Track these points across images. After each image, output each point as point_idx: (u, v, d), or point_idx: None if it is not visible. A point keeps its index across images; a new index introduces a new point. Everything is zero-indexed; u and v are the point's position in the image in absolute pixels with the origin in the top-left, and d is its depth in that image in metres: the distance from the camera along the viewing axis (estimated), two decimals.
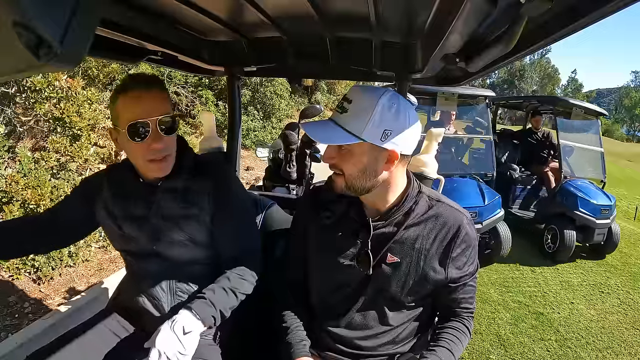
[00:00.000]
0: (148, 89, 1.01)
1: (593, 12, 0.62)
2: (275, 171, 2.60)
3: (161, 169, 1.07)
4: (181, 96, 6.06)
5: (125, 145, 1.05)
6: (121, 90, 1.01)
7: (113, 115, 1.04)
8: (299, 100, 11.19)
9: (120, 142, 1.06)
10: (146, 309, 1.16)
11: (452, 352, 1.01)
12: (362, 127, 0.87)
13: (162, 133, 1.02)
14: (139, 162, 1.07)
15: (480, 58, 0.84)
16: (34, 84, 2.82)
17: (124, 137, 1.01)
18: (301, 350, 1.01)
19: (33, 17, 0.26)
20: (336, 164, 0.96)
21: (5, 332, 2.24)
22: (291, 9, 1.11)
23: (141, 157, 1.04)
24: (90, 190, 1.19)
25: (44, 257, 2.73)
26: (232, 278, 1.09)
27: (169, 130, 1.04)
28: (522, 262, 4.46)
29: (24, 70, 0.32)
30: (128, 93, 1.00)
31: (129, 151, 1.07)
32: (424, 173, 1.58)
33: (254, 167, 6.68)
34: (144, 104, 1.00)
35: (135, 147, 1.02)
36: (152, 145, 1.02)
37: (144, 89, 1.01)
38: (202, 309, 0.99)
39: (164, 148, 1.04)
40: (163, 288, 1.15)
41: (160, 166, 1.06)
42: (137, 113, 0.99)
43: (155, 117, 1.00)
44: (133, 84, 1.00)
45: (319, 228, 1.08)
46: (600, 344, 3.04)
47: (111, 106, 1.04)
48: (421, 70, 1.28)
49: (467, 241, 1.01)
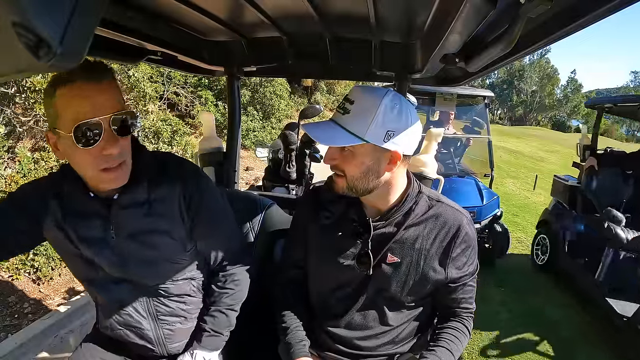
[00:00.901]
0: (97, 80, 0.80)
1: (592, 12, 0.62)
2: (275, 171, 2.60)
3: (117, 179, 0.88)
4: (180, 96, 6.06)
5: (70, 153, 0.83)
6: (59, 81, 0.78)
7: (50, 114, 0.82)
8: (299, 101, 11.19)
9: (61, 148, 0.84)
10: (130, 340, 1.06)
11: (452, 352, 1.01)
12: (365, 128, 0.87)
13: (117, 134, 0.84)
14: (89, 173, 0.86)
15: (479, 58, 0.84)
16: (33, 84, 2.82)
17: (68, 142, 0.80)
18: (301, 350, 1.01)
19: (33, 17, 0.26)
20: (338, 165, 0.95)
21: (5, 332, 2.24)
22: (291, 9, 1.11)
23: (91, 167, 0.84)
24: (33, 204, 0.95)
25: (44, 257, 2.73)
26: (229, 294, 1.09)
27: (123, 130, 0.85)
28: (521, 262, 4.47)
29: (23, 70, 0.32)
30: (71, 86, 0.78)
31: (74, 159, 0.86)
32: (424, 173, 1.58)
33: (254, 167, 6.68)
34: (93, 100, 0.79)
35: (84, 154, 0.81)
36: (106, 150, 0.82)
37: (92, 81, 0.79)
38: (211, 342, 1.05)
39: (119, 153, 0.85)
40: (142, 314, 1.03)
41: (116, 175, 0.87)
42: (84, 111, 0.78)
43: (107, 114, 0.81)
44: (76, 75, 0.77)
45: (319, 228, 1.08)
46: (602, 344, 3.04)
47: (47, 102, 0.82)
48: (421, 70, 1.28)
49: (467, 241, 1.01)
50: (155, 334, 1.06)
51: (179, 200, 0.98)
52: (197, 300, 1.11)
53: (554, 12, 0.72)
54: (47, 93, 0.81)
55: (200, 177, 1.04)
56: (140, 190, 0.95)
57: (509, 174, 9.98)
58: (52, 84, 0.79)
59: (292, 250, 1.18)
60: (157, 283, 1.02)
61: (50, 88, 0.80)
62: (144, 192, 0.95)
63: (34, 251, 2.69)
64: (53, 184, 0.97)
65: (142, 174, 0.94)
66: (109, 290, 1.00)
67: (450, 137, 4.64)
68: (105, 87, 0.82)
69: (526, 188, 8.69)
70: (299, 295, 1.15)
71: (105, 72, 0.82)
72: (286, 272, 1.19)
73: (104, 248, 0.95)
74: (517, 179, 9.62)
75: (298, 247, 1.14)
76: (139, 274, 0.99)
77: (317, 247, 1.10)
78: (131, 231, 0.95)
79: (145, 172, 0.95)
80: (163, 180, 0.97)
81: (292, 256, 1.17)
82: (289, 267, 1.18)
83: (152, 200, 0.96)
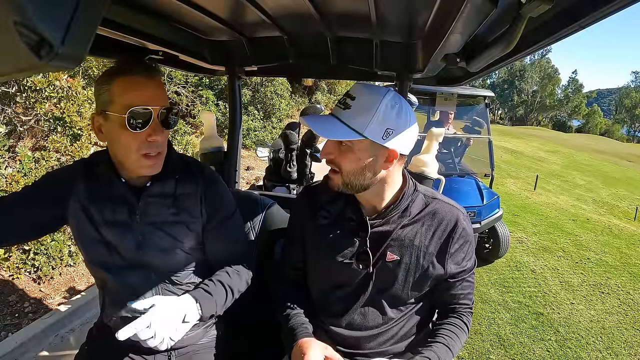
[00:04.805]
0: (151, 76, 0.93)
1: (593, 13, 0.62)
2: (276, 171, 2.60)
3: (155, 166, 0.97)
4: (181, 96, 6.06)
5: (116, 135, 0.92)
6: (119, 72, 0.90)
7: (103, 99, 0.91)
8: (299, 100, 11.19)
9: (107, 131, 0.94)
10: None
11: (450, 348, 1.00)
12: (365, 124, 0.88)
13: (162, 125, 0.95)
14: (132, 156, 0.93)
15: (480, 58, 0.84)
16: (34, 84, 2.82)
17: (118, 124, 0.89)
18: (303, 333, 1.00)
19: (34, 16, 0.26)
20: (334, 159, 0.96)
21: (5, 332, 2.24)
22: (292, 8, 1.11)
23: (135, 150, 0.92)
24: (58, 188, 1.01)
25: (45, 256, 2.73)
26: (231, 274, 1.07)
27: (167, 124, 0.96)
28: (521, 262, 4.46)
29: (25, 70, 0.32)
30: (129, 77, 0.90)
31: (120, 142, 0.93)
32: (425, 173, 1.57)
33: (254, 166, 6.68)
34: (147, 91, 0.91)
35: (131, 137, 0.91)
36: (151, 137, 0.92)
37: (148, 75, 0.92)
38: (207, 305, 0.97)
39: (161, 142, 0.96)
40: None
41: (154, 162, 0.96)
42: (138, 99, 0.89)
43: (158, 105, 0.92)
44: (134, 68, 0.91)
45: (316, 227, 1.08)
46: (600, 344, 3.05)
47: (102, 89, 0.91)
48: (422, 70, 1.28)
49: (464, 237, 1.02)
50: None
51: (200, 198, 1.07)
52: None
53: (555, 12, 0.72)
54: (103, 81, 0.91)
55: (218, 180, 1.14)
56: (169, 184, 1.04)
57: (510, 174, 9.98)
58: (111, 74, 0.91)
59: (291, 251, 1.18)
60: (169, 271, 1.06)
61: (108, 76, 0.91)
62: (172, 186, 1.04)
63: (34, 250, 2.70)
64: (85, 165, 1.05)
65: (172, 170, 1.04)
66: (122, 276, 1.03)
67: (451, 137, 4.64)
68: (157, 83, 0.94)
69: (527, 188, 8.69)
70: (299, 293, 1.15)
71: (158, 70, 0.96)
72: (286, 273, 1.19)
73: (127, 232, 1.01)
74: (518, 179, 9.63)
75: (296, 247, 1.15)
76: (154, 260, 1.03)
77: (315, 246, 1.10)
78: (155, 219, 1.02)
79: (175, 169, 1.05)
80: (188, 178, 1.07)
81: (291, 257, 1.17)
82: (288, 269, 1.19)
83: (178, 194, 1.04)
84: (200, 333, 1.14)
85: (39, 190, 1.02)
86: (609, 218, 7.29)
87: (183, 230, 1.04)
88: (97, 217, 1.00)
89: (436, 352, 0.98)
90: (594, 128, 48.64)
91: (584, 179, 11.42)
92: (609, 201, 9.02)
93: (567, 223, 6.38)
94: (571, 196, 8.87)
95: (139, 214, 1.01)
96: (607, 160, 17.45)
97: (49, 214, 1.01)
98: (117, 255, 1.02)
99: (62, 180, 1.02)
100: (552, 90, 49.89)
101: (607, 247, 5.37)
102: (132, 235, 1.01)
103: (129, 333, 0.83)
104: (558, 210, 7.16)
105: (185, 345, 1.11)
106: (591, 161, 15.98)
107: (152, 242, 1.02)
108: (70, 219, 1.02)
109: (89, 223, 1.00)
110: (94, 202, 1.00)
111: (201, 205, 1.06)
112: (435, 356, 0.97)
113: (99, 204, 1.00)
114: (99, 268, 1.04)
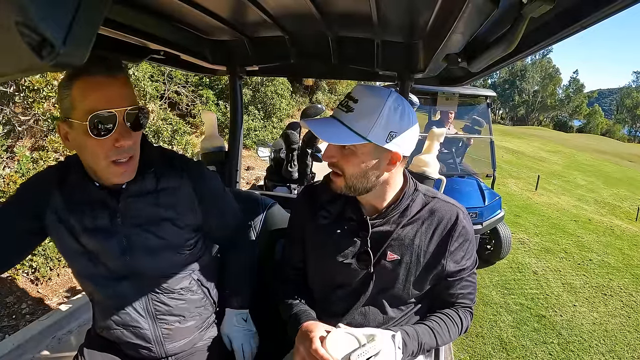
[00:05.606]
0: (113, 75, 0.84)
1: (595, 13, 0.62)
2: (277, 171, 2.60)
3: (126, 173, 0.90)
4: (181, 95, 6.06)
5: (82, 143, 0.85)
6: (78, 74, 0.82)
7: (65, 105, 0.84)
8: (300, 100, 11.19)
9: (72, 139, 0.87)
10: (128, 340, 1.04)
11: (434, 333, 0.99)
12: (369, 127, 0.87)
13: (130, 128, 0.87)
14: (100, 164, 0.87)
15: (482, 58, 0.84)
16: (32, 84, 2.81)
17: (81, 131, 0.82)
18: (307, 317, 1.00)
19: (36, 17, 0.26)
20: (337, 163, 0.95)
21: (2, 334, 2.23)
22: (293, 8, 1.11)
23: (103, 157, 0.86)
24: (34, 198, 0.95)
25: (42, 257, 2.73)
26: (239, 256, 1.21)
27: (136, 125, 0.89)
28: (523, 264, 4.45)
29: (26, 70, 0.32)
30: (88, 78, 0.81)
31: (86, 150, 0.87)
32: (426, 173, 1.57)
33: (255, 166, 6.68)
34: (110, 92, 0.83)
35: (96, 144, 0.84)
36: (118, 142, 0.85)
37: (109, 75, 0.83)
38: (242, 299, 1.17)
39: (130, 146, 0.88)
40: (141, 313, 1.03)
41: (125, 169, 0.90)
42: (100, 102, 0.81)
43: (122, 107, 0.84)
44: (93, 68, 0.81)
45: (317, 227, 1.08)
46: (602, 347, 3.04)
47: (63, 94, 0.84)
48: (423, 70, 1.28)
49: (464, 235, 1.02)
50: (154, 334, 1.05)
51: (189, 192, 1.03)
52: (196, 298, 1.10)
53: (556, 12, 0.71)
54: (63, 85, 0.84)
55: (204, 169, 1.11)
56: (149, 180, 0.98)
57: (511, 174, 9.97)
58: (70, 77, 0.83)
59: (291, 251, 1.18)
60: (159, 276, 1.02)
61: (67, 80, 0.83)
62: (152, 182, 0.98)
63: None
64: (57, 172, 0.98)
65: (149, 165, 0.98)
66: (109, 287, 1.00)
67: (452, 137, 4.63)
68: (121, 82, 0.85)
69: (528, 188, 8.68)
70: (300, 293, 1.15)
71: (121, 68, 0.86)
72: (286, 273, 1.19)
73: (109, 237, 0.96)
74: (519, 179, 9.62)
75: (296, 247, 1.14)
76: (143, 264, 0.99)
77: (315, 246, 1.10)
78: (138, 219, 0.97)
79: (152, 164, 0.99)
80: (170, 172, 1.01)
81: (291, 258, 1.17)
82: (288, 269, 1.19)
83: (160, 189, 0.99)
84: (197, 337, 1.13)
85: (15, 206, 0.96)
86: (610, 219, 7.28)
87: (169, 228, 1.00)
88: (77, 227, 0.94)
89: (417, 330, 0.97)
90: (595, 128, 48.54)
91: (585, 179, 11.40)
92: (610, 201, 9.00)
93: (568, 224, 6.37)
94: (573, 196, 8.85)
95: (120, 216, 0.96)
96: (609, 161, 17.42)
97: (27, 228, 0.96)
98: (102, 266, 0.98)
99: (37, 191, 0.96)
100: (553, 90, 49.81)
101: (609, 248, 5.35)
102: (115, 240, 0.96)
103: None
104: (560, 211, 7.14)
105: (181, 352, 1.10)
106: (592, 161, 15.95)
107: (137, 244, 0.97)
108: (50, 232, 0.98)
109: (69, 235, 0.95)
110: (72, 211, 0.95)
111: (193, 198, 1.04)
112: (415, 332, 0.96)
113: (77, 211, 0.95)
114: (85, 280, 1.02)
